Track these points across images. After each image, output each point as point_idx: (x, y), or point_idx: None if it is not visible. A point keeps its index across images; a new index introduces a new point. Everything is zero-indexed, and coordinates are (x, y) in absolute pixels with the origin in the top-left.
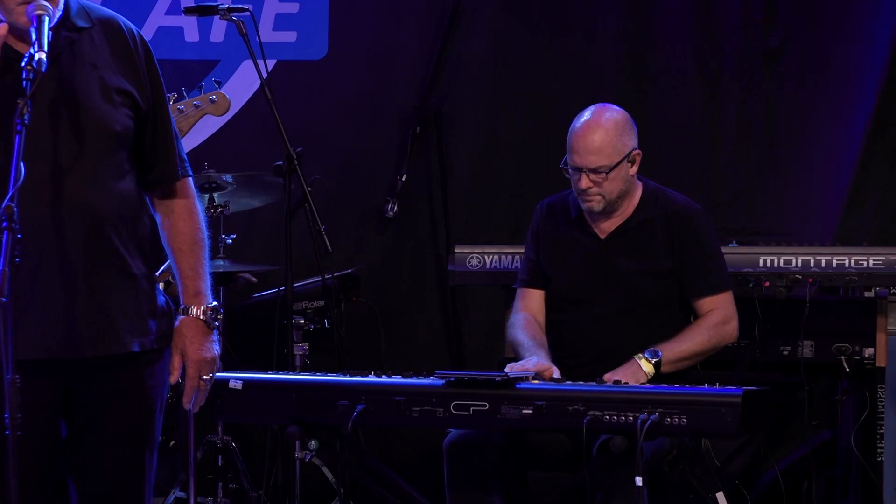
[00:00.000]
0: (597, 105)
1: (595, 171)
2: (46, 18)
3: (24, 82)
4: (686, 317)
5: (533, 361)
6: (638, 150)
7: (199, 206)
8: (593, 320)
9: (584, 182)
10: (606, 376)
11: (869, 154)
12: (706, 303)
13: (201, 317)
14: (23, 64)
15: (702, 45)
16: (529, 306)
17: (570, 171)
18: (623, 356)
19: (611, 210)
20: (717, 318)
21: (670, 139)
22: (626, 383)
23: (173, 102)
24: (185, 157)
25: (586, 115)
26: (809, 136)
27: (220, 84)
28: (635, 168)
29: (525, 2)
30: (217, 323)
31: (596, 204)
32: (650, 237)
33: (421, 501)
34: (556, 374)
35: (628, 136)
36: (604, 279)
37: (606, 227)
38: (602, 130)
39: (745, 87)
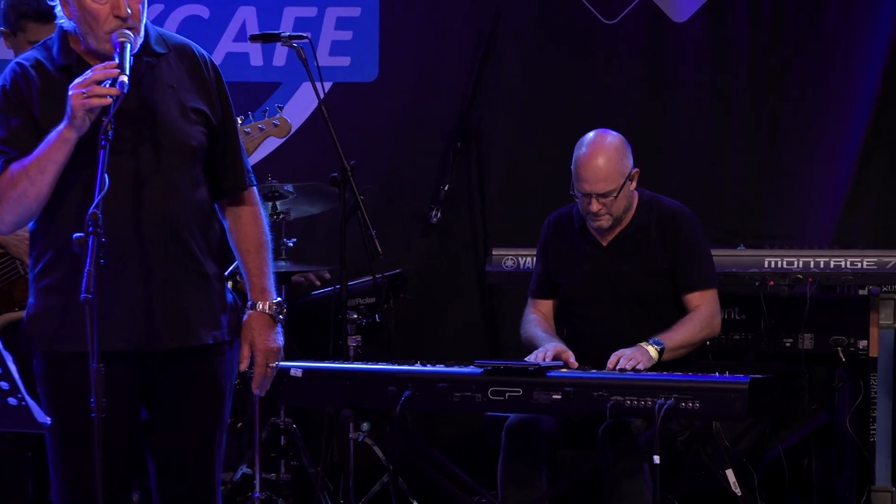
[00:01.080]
0: (595, 132)
1: (604, 195)
2: (129, 45)
3: (111, 104)
4: (679, 312)
5: (552, 346)
6: (636, 169)
7: (263, 213)
8: (600, 318)
9: (595, 206)
10: (618, 353)
11: (863, 165)
12: (695, 297)
13: (267, 311)
14: (106, 85)
15: (714, 67)
16: (540, 310)
17: (578, 195)
18: (623, 344)
19: (616, 224)
20: (707, 311)
21: (686, 152)
22: (637, 365)
23: (241, 125)
24: (250, 168)
25: (587, 144)
26: (810, 149)
27: (282, 108)
28: (634, 184)
29: (553, 30)
30: (281, 316)
31: (605, 222)
32: (647, 241)
33: (462, 477)
34: (572, 357)
35: (627, 158)
36: (607, 281)
37: (607, 235)
38: (605, 157)
39: (752, 105)
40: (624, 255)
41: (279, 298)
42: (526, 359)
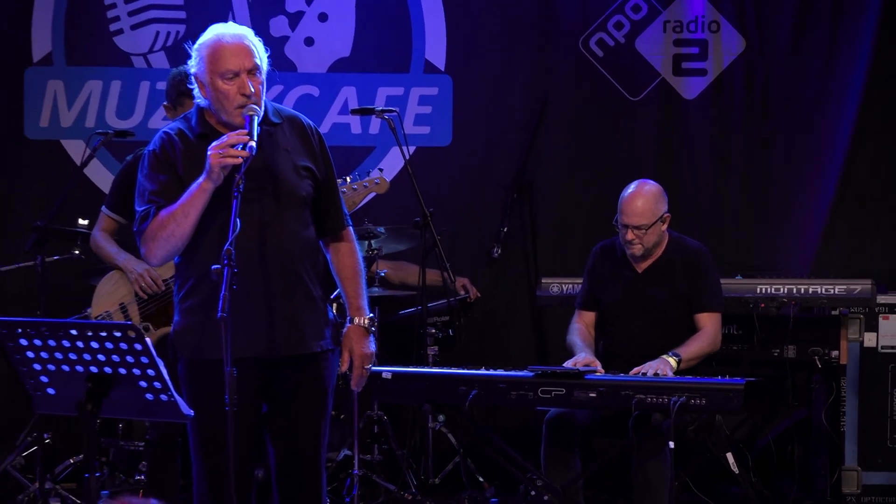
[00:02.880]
0: (640, 180)
1: (637, 227)
2: (256, 117)
3: (242, 163)
4: (689, 328)
5: (582, 356)
6: (668, 213)
7: (358, 248)
8: (631, 329)
9: (630, 235)
10: (644, 366)
11: (835, 212)
12: (704, 318)
13: (363, 324)
14: (237, 149)
15: (716, 133)
16: (584, 321)
17: (619, 226)
18: (650, 354)
19: (647, 255)
20: (712, 331)
21: (693, 200)
22: (663, 374)
23: (349, 182)
24: (347, 213)
25: (632, 187)
26: (793, 198)
27: (382, 171)
28: (665, 226)
29: (590, 105)
30: (373, 329)
31: (637, 250)
32: (672, 271)
33: (517, 459)
34: (599, 366)
35: (661, 203)
36: (639, 301)
37: (642, 265)
38: (643, 199)
39: (747, 162)
40: (654, 281)
41: (372, 315)
42: (563, 364)
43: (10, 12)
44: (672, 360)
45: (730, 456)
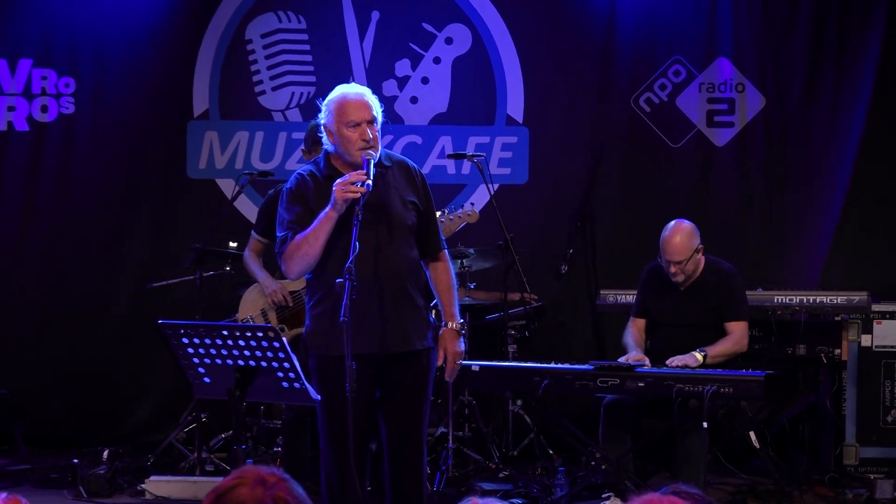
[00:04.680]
0: (676, 221)
1: (678, 262)
2: (372, 160)
3: (360, 197)
4: (721, 335)
5: (633, 354)
6: (701, 245)
7: (452, 266)
8: (674, 335)
9: (673, 269)
10: (675, 359)
11: (838, 237)
12: (732, 325)
13: (455, 328)
14: (357, 184)
15: (741, 174)
16: (636, 326)
17: (663, 261)
18: (686, 353)
19: (689, 279)
20: (738, 336)
21: (723, 227)
22: (689, 365)
23: (447, 214)
24: (444, 238)
25: (669, 229)
26: (803, 226)
27: (474, 205)
28: (700, 255)
29: (638, 150)
30: (464, 331)
31: (679, 279)
32: (707, 289)
33: (580, 436)
34: (647, 361)
35: (694, 239)
36: (680, 314)
37: (684, 284)
38: (679, 238)
39: (766, 197)
40: (693, 297)
41: (462, 320)
42: (618, 360)
43: (176, 78)
44: (699, 355)
45: (752, 434)
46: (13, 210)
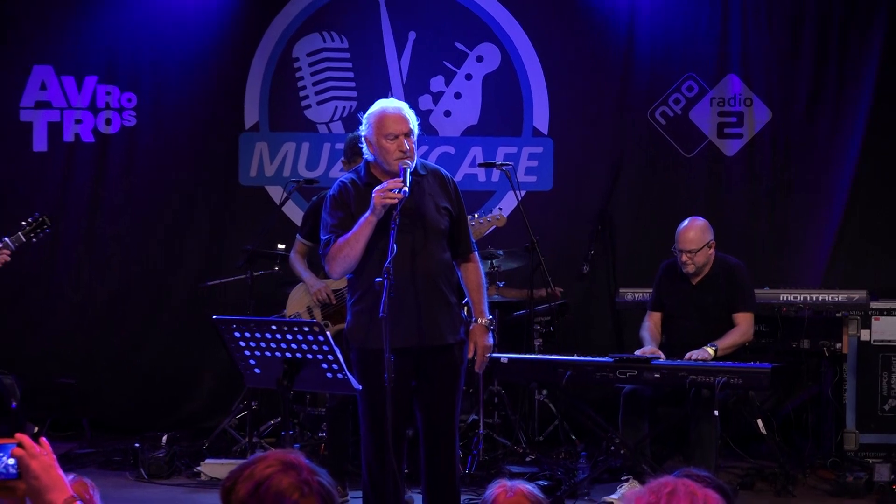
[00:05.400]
0: (691, 217)
1: (689, 252)
2: (409, 169)
3: (398, 202)
4: (729, 324)
5: (649, 348)
6: (713, 241)
7: (481, 266)
8: (687, 327)
9: (684, 258)
10: (690, 353)
11: (839, 239)
12: (739, 316)
13: (484, 323)
14: (394, 191)
15: (749, 180)
16: (653, 319)
17: (676, 251)
18: (698, 345)
19: (698, 272)
20: (745, 327)
21: (733, 230)
22: (702, 359)
23: (477, 218)
24: (474, 241)
25: (686, 222)
26: (807, 229)
27: (502, 210)
28: (711, 251)
29: (654, 160)
30: (492, 327)
31: (690, 269)
32: (717, 284)
33: (600, 422)
34: (661, 354)
35: (707, 234)
36: (693, 306)
37: (696, 279)
38: (693, 231)
39: (772, 202)
40: (705, 291)
41: (491, 317)
42: (635, 352)
43: (229, 94)
44: (710, 350)
45: (759, 421)
46: (80, 214)
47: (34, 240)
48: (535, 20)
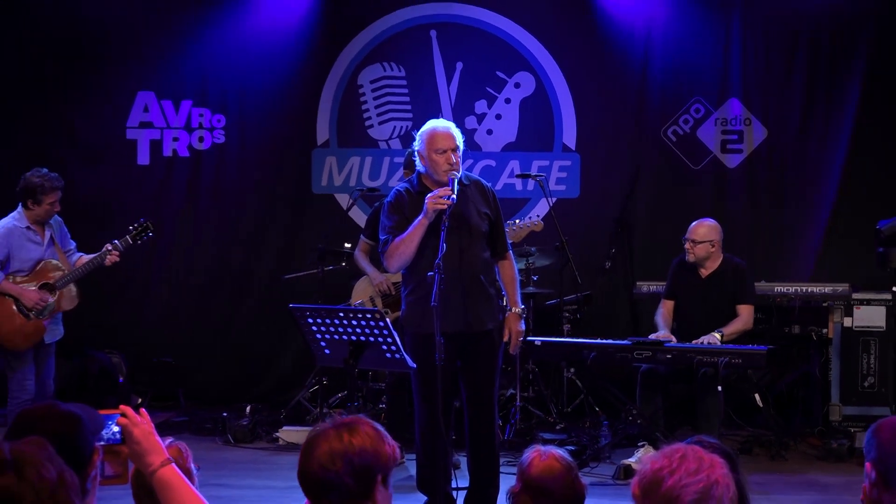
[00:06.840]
0: (708, 217)
1: (692, 241)
2: (456, 179)
3: (446, 208)
4: (732, 314)
5: (662, 332)
6: (716, 241)
7: (515, 263)
8: (696, 315)
9: (687, 245)
10: (701, 338)
11: (827, 238)
12: (741, 308)
13: (518, 312)
14: (444, 198)
15: (749, 189)
16: (666, 307)
17: (686, 242)
18: (706, 330)
19: (700, 264)
20: (746, 317)
21: (735, 232)
22: (712, 343)
23: (517, 223)
24: (509, 241)
25: (702, 219)
26: (800, 229)
27: (539, 216)
28: (714, 249)
29: (664, 171)
30: (524, 315)
31: (690, 257)
32: (724, 278)
33: (620, 397)
34: (673, 338)
35: (714, 234)
36: (702, 298)
37: (705, 274)
38: (704, 228)
39: (768, 208)
40: (713, 284)
41: (523, 306)
42: (650, 336)
43: (303, 115)
44: (717, 336)
45: (757, 396)
46: (177, 218)
47: (139, 242)
48: (565, 52)
